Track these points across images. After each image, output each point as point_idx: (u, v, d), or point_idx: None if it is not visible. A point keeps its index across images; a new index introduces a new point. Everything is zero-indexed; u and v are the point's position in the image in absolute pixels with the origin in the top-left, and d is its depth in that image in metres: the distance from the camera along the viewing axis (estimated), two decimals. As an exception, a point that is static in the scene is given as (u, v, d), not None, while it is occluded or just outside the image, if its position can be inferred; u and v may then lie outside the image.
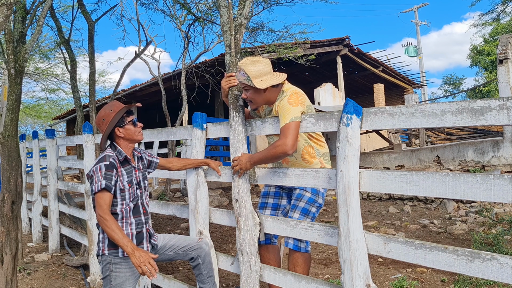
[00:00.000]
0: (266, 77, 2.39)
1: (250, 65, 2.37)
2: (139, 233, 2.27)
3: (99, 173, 2.13)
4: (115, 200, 2.20)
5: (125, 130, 2.29)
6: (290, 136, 2.19)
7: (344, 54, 13.72)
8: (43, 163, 5.99)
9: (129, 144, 2.33)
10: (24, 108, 21.15)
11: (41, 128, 31.42)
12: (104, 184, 2.10)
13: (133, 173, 2.30)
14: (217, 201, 8.02)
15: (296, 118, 2.22)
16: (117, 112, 2.24)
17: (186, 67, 9.08)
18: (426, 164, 9.39)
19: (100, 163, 2.16)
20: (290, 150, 2.20)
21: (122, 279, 2.16)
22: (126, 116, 2.31)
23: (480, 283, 3.40)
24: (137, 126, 2.35)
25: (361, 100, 19.10)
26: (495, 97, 1.60)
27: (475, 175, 1.59)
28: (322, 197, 2.59)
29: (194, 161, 2.79)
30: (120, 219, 2.21)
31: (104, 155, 2.21)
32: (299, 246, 2.54)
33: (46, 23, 7.88)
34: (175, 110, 14.18)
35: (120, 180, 2.21)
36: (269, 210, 2.71)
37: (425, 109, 1.72)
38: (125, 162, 2.29)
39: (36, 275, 4.43)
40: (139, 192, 2.33)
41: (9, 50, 3.44)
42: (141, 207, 2.34)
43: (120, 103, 2.33)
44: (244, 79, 2.37)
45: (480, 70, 29.02)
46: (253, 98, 2.46)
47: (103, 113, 2.28)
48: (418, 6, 28.20)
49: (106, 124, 2.24)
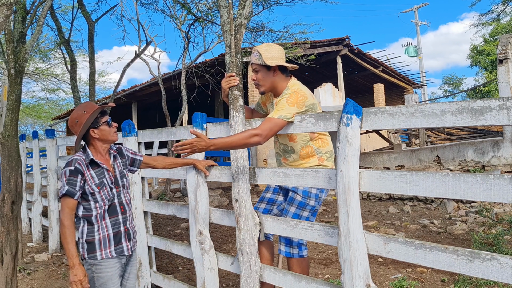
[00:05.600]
0: (277, 60, 2.50)
1: (265, 47, 2.53)
2: (116, 234, 2.26)
3: (64, 178, 2.14)
4: (88, 203, 2.19)
5: (100, 131, 2.26)
6: (268, 131, 2.25)
7: (344, 54, 13.72)
8: (43, 163, 5.99)
9: (103, 144, 2.30)
10: (24, 108, 21.15)
11: (41, 128, 31.43)
12: (65, 190, 2.11)
13: (104, 174, 2.27)
14: (217, 201, 8.02)
15: (285, 117, 2.26)
16: (91, 113, 2.21)
17: (186, 67, 9.08)
18: (426, 164, 9.39)
19: (66, 168, 2.15)
20: (262, 142, 2.29)
21: (104, 279, 2.19)
22: (101, 116, 2.27)
23: (480, 283, 3.40)
24: (112, 126, 2.32)
25: (361, 100, 19.09)
26: (495, 97, 1.60)
27: (475, 175, 1.59)
28: (315, 198, 2.53)
29: (180, 160, 2.77)
30: (96, 223, 2.20)
31: (71, 159, 2.19)
32: (291, 253, 2.54)
33: (46, 23, 7.88)
34: (175, 110, 14.18)
35: (88, 184, 2.18)
36: (264, 204, 2.71)
37: (425, 109, 1.72)
38: (93, 164, 2.25)
39: (36, 275, 4.43)
40: (115, 191, 2.30)
41: (9, 50, 3.44)
42: (119, 206, 2.30)
43: (93, 103, 2.32)
44: (256, 58, 2.51)
45: (480, 70, 29.03)
46: (262, 79, 2.54)
47: (76, 114, 2.24)
48: (418, 6, 28.21)
49: (80, 126, 2.21)
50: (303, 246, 2.56)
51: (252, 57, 2.55)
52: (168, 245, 3.27)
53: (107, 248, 2.21)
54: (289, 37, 9.17)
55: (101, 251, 2.18)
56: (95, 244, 2.17)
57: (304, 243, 2.57)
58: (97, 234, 2.20)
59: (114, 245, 2.23)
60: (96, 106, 2.28)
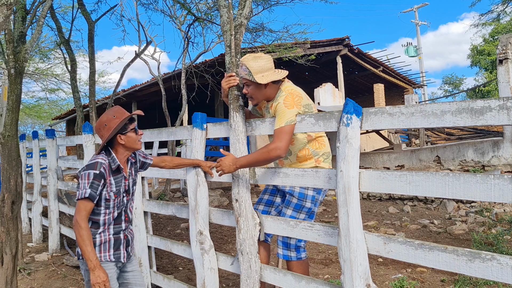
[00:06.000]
0: (268, 73, 2.41)
1: (252, 60, 2.39)
2: (116, 240, 2.27)
3: (86, 180, 2.11)
4: (98, 208, 2.19)
5: (127, 137, 2.26)
6: (283, 141, 2.21)
7: (344, 54, 13.72)
8: (43, 163, 5.99)
9: (126, 151, 2.30)
10: (24, 108, 21.16)
11: (41, 128, 31.43)
12: (88, 193, 2.10)
13: (122, 182, 2.28)
14: (217, 201, 8.03)
15: (291, 121, 2.23)
16: (122, 119, 2.21)
17: (186, 67, 9.08)
18: (426, 164, 9.39)
19: (90, 171, 2.13)
20: (283, 153, 2.24)
21: None
22: (129, 123, 2.28)
23: (480, 283, 3.40)
24: (138, 133, 2.33)
25: (361, 100, 19.09)
26: (495, 97, 1.60)
27: (475, 175, 1.59)
28: (312, 200, 2.52)
29: (187, 161, 2.79)
30: (102, 226, 2.21)
31: (96, 161, 2.17)
32: (289, 256, 2.54)
33: (46, 23, 7.88)
34: (175, 110, 14.17)
35: (107, 190, 2.19)
36: (262, 206, 2.72)
37: (425, 109, 1.71)
38: (117, 171, 2.26)
39: (36, 275, 4.43)
40: (125, 199, 2.32)
41: (9, 50, 3.44)
42: (124, 215, 2.33)
43: (123, 109, 2.30)
44: (245, 74, 2.40)
45: (480, 70, 29.03)
46: (254, 93, 2.48)
47: (106, 118, 2.24)
48: (418, 6, 28.21)
49: (108, 130, 2.21)
50: (301, 248, 2.56)
51: (240, 70, 2.45)
52: (168, 245, 3.27)
53: (107, 251, 2.22)
54: (289, 37, 9.18)
55: (100, 253, 2.19)
56: (95, 246, 2.16)
57: (302, 245, 2.56)
58: (99, 236, 2.20)
59: (113, 250, 2.24)
60: (126, 112, 2.27)
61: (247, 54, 2.47)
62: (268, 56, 2.47)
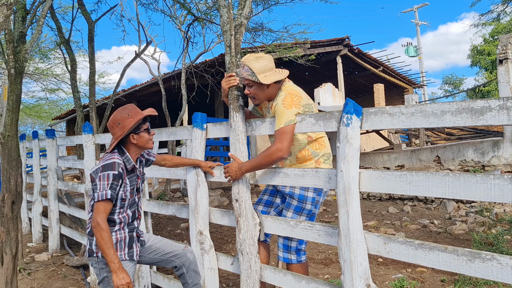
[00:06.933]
0: (270, 73, 2.41)
1: (254, 61, 2.39)
2: (131, 237, 2.28)
3: (106, 181, 2.09)
4: (114, 208, 2.19)
5: (139, 137, 2.25)
6: (284, 141, 2.21)
7: (344, 54, 13.72)
8: (43, 163, 5.99)
9: (138, 150, 2.30)
10: (24, 108, 21.14)
11: (41, 128, 31.42)
12: (109, 195, 2.09)
13: (135, 181, 2.29)
14: (217, 201, 8.03)
15: (291, 121, 2.23)
16: (136, 120, 2.20)
17: (186, 67, 9.08)
18: (426, 164, 9.39)
19: (109, 171, 2.11)
20: (286, 154, 2.23)
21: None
22: (142, 123, 2.27)
23: (480, 283, 3.40)
24: (151, 133, 2.32)
25: (361, 100, 19.09)
26: (495, 97, 1.60)
27: (475, 175, 1.59)
28: (312, 202, 2.51)
29: (187, 161, 2.80)
30: (118, 224, 2.22)
31: (113, 162, 2.15)
32: (290, 259, 2.54)
33: (46, 23, 7.88)
34: (175, 110, 14.17)
35: (124, 190, 2.19)
36: (261, 206, 2.72)
37: (425, 109, 1.71)
38: (131, 170, 2.26)
39: (36, 275, 4.43)
40: (136, 198, 2.33)
41: (9, 50, 3.44)
42: (137, 213, 2.35)
43: (137, 108, 2.28)
44: (248, 74, 2.39)
45: (480, 70, 29.03)
46: (256, 94, 2.47)
47: (120, 116, 2.22)
48: (418, 6, 28.22)
49: (122, 129, 2.19)
50: (302, 251, 2.55)
51: (241, 71, 2.43)
52: (168, 245, 3.27)
53: (122, 250, 2.22)
54: (289, 37, 9.17)
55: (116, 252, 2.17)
56: None
57: (303, 248, 2.56)
58: (114, 235, 2.20)
59: (127, 248, 2.24)
60: (140, 111, 2.26)
61: (248, 54, 2.47)
62: (269, 56, 2.48)
